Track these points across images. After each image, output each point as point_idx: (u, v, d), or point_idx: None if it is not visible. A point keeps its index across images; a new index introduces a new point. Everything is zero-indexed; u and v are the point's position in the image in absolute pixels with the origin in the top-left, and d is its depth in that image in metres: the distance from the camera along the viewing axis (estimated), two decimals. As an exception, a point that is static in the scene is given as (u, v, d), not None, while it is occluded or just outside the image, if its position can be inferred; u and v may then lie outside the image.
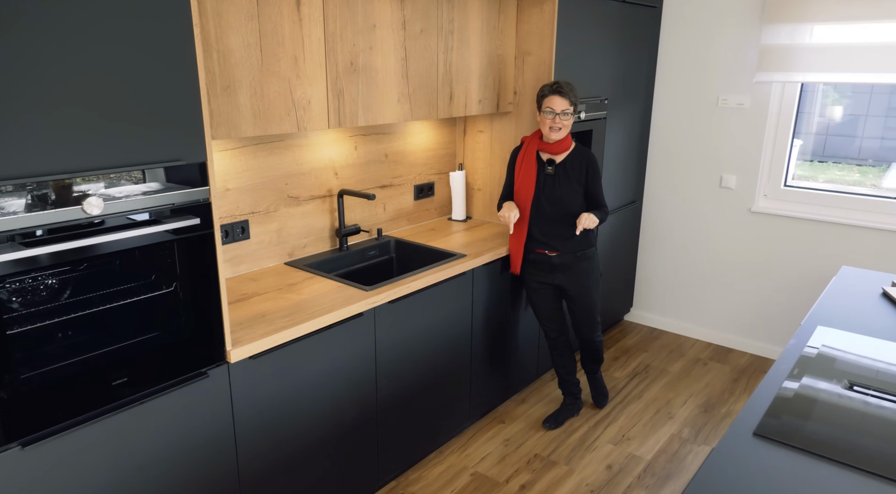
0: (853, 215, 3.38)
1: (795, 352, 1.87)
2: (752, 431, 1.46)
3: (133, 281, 1.58)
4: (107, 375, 1.57)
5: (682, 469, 2.75)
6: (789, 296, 3.63)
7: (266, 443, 2.01)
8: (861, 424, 1.48)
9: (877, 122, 3.46)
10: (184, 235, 1.65)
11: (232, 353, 1.81)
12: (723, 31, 3.53)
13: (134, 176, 1.52)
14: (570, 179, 2.65)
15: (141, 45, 1.47)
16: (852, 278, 2.51)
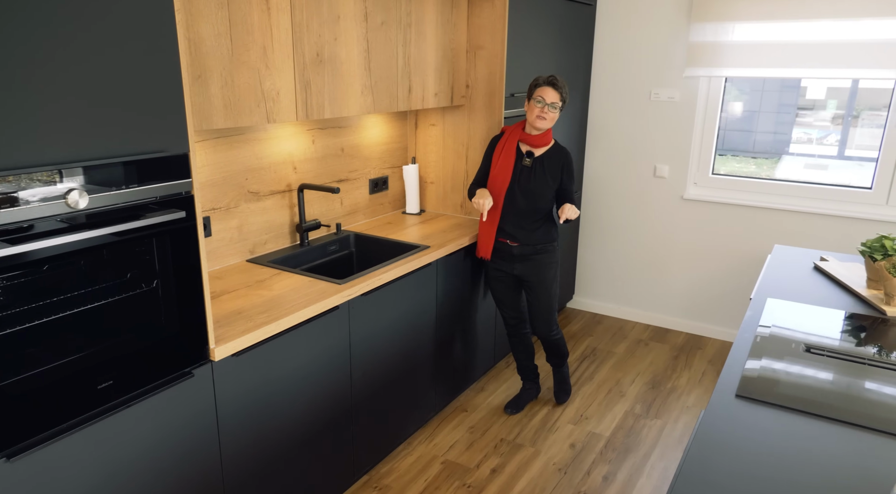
0: (775, 199, 3.67)
1: (753, 323, 2.02)
2: (734, 393, 1.58)
3: (113, 279, 1.50)
4: (92, 378, 1.49)
5: (639, 442, 2.90)
6: (721, 277, 3.89)
7: (248, 442, 1.96)
8: (823, 380, 1.63)
9: (769, 117, 3.79)
10: (167, 229, 1.59)
11: (216, 351, 1.76)
12: (654, 28, 3.73)
13: (116, 169, 1.45)
14: (545, 174, 2.71)
15: (122, 33, 1.41)
16: (786, 256, 2.74)
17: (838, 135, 3.74)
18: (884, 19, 3.13)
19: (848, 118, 3.63)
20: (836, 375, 1.67)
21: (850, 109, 3.60)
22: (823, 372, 1.68)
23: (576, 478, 2.65)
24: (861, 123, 3.61)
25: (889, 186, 3.42)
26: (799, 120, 3.76)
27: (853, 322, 2.03)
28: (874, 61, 3.20)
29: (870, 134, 3.62)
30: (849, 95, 3.66)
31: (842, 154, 3.76)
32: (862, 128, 3.61)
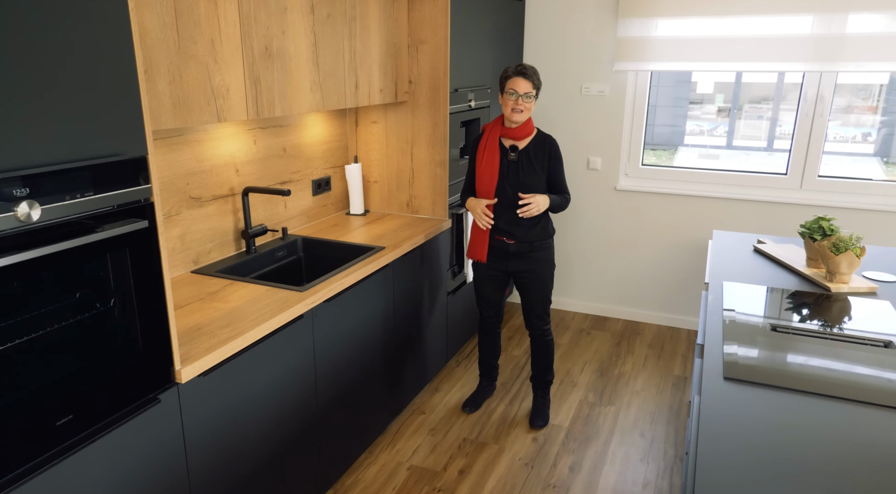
0: (700, 187, 3.86)
1: (717, 307, 2.10)
2: (722, 376, 1.62)
3: (64, 301, 1.33)
4: (49, 415, 1.31)
5: (598, 430, 2.96)
6: (653, 264, 4.05)
7: (216, 467, 1.81)
8: (797, 357, 1.71)
9: (665, 110, 4.00)
10: (127, 241, 1.42)
11: (182, 372, 1.60)
12: (583, 24, 3.81)
13: (69, 176, 1.28)
14: (533, 165, 2.64)
15: (70, 17, 1.24)
16: (726, 240, 2.88)
17: (726, 126, 4.00)
18: (796, 16, 3.36)
19: (734, 111, 3.89)
20: (807, 351, 1.75)
21: (735, 102, 3.87)
22: (795, 349, 1.76)
23: (543, 471, 2.66)
24: (744, 115, 3.89)
25: (802, 172, 3.67)
26: (690, 113, 3.99)
27: (803, 300, 2.14)
28: (786, 55, 3.43)
29: (753, 125, 3.91)
30: (734, 90, 3.92)
31: (730, 144, 4.02)
32: (746, 120, 3.89)
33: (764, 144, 3.92)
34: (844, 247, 2.21)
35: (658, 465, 2.71)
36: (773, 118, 3.82)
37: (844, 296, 2.19)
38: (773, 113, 3.85)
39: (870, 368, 1.65)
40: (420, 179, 3.16)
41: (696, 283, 3.99)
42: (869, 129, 3.74)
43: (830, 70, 3.39)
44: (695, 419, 1.51)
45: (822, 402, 1.49)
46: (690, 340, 3.94)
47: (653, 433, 2.94)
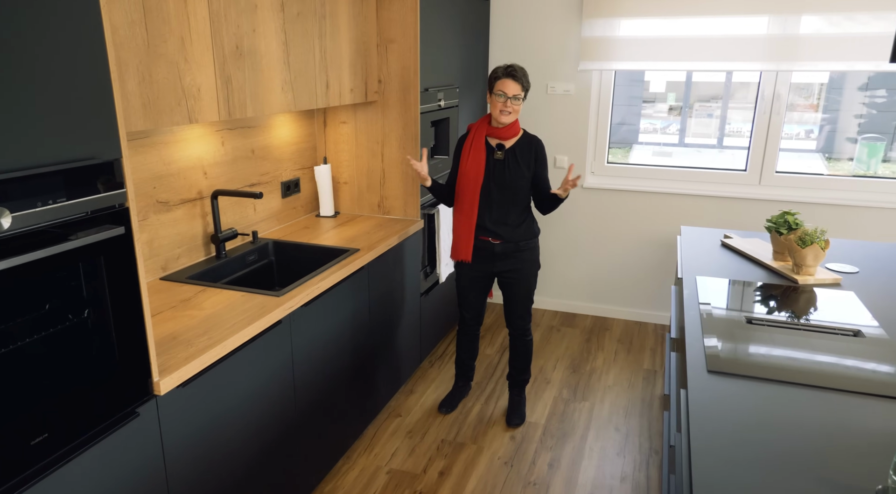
0: (664, 184, 3.94)
1: (693, 301, 2.13)
2: (705, 369, 1.65)
3: (34, 313, 1.26)
4: (23, 433, 1.23)
5: (573, 426, 2.98)
6: (620, 260, 4.11)
7: (195, 479, 1.75)
8: (775, 349, 1.76)
9: (620, 109, 4.08)
10: (101, 248, 1.36)
11: (161, 384, 1.54)
12: (548, 24, 3.84)
13: (41, 181, 1.21)
14: (519, 165, 2.62)
15: (40, 20, 1.17)
16: (694, 235, 2.94)
17: (678, 124, 4.10)
18: (753, 17, 3.45)
19: (685, 109, 4.00)
20: (784, 342, 1.80)
21: (687, 100, 3.98)
22: (772, 341, 1.81)
23: (523, 469, 2.67)
24: (695, 113, 4.00)
25: (760, 168, 3.78)
26: (643, 112, 4.08)
27: (774, 292, 2.21)
28: (745, 55, 3.52)
29: (703, 123, 4.03)
30: (685, 89, 4.03)
31: (682, 142, 4.13)
32: (697, 118, 4.01)
33: (714, 142, 4.03)
34: (810, 240, 2.28)
35: (634, 458, 2.75)
36: (722, 116, 3.93)
37: (811, 288, 2.26)
38: (723, 111, 3.96)
39: (844, 357, 1.71)
40: (391, 180, 3.13)
41: (662, 278, 4.07)
42: (812, 126, 3.88)
43: (785, 69, 3.50)
44: (683, 411, 1.53)
45: (803, 391, 1.53)
46: (657, 334, 4.01)
47: (627, 426, 2.99)
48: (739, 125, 4.25)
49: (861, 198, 3.61)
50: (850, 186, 3.66)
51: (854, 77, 3.75)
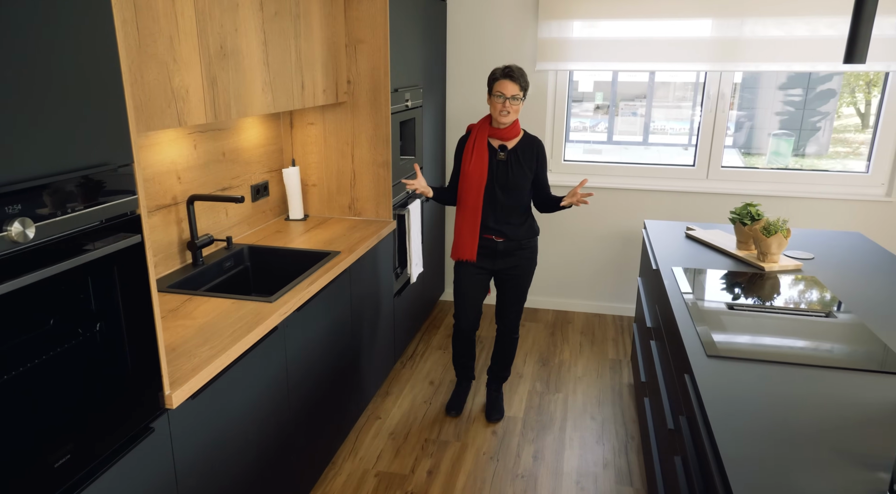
0: (617, 180, 4.08)
1: (676, 292, 2.24)
2: (705, 354, 1.74)
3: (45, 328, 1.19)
4: (45, 456, 1.16)
5: (551, 418, 3.06)
6: (579, 254, 4.23)
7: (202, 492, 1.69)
8: (762, 332, 1.87)
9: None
10: (116, 258, 1.30)
11: (173, 397, 1.48)
12: (504, 25, 3.91)
13: (59, 189, 1.15)
14: (521, 165, 2.65)
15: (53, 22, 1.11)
16: (658, 228, 3.07)
17: (606, 123, 4.31)
18: (698, 20, 3.64)
19: (612, 108, 4.20)
20: (768, 325, 1.92)
21: (613, 100, 4.18)
22: (757, 325, 1.93)
23: (509, 463, 2.72)
24: (620, 112, 4.22)
25: (707, 163, 3.99)
26: (572, 111, 4.25)
27: (744, 280, 2.34)
28: (691, 56, 3.71)
29: (628, 121, 4.25)
30: (611, 89, 4.24)
31: (611, 139, 4.34)
32: (622, 116, 4.22)
33: (640, 139, 4.24)
34: (774, 229, 2.43)
35: (613, 445, 2.85)
36: (647, 114, 4.14)
37: (776, 274, 2.41)
38: (647, 110, 4.17)
39: (824, 336, 1.84)
40: (362, 181, 3.11)
41: (620, 271, 4.22)
42: (728, 123, 4.13)
43: (729, 70, 3.71)
44: (692, 394, 1.61)
45: (798, 370, 1.65)
46: (617, 325, 4.16)
47: (602, 415, 3.09)
48: (663, 123, 4.48)
49: (796, 189, 3.87)
50: (786, 178, 3.92)
51: (769, 77, 4.02)
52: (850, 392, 1.53)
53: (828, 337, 1.84)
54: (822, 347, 1.77)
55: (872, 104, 4.00)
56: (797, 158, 4.19)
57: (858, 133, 4.14)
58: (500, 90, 2.55)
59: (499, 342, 3.02)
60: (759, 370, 1.65)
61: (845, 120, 4.22)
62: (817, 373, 1.63)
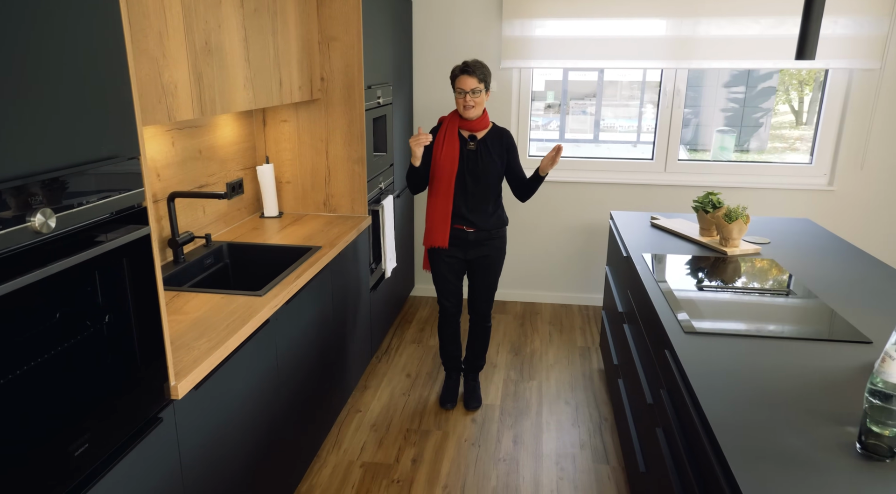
0: (582, 174, 4.22)
1: (650, 278, 2.36)
2: (682, 332, 1.85)
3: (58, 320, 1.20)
4: (66, 444, 1.18)
5: (527, 404, 3.16)
6: (545, 247, 4.36)
7: (203, 481, 1.71)
8: (731, 309, 2.00)
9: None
10: (129, 250, 1.31)
11: (178, 387, 1.50)
12: (469, 24, 3.99)
13: (75, 181, 1.16)
14: (491, 155, 2.75)
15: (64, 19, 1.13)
16: (625, 219, 3.21)
17: (558, 121, 4.45)
18: (654, 20, 3.80)
19: (563, 106, 4.34)
20: (735, 304, 2.06)
21: (565, 98, 4.32)
22: (725, 304, 2.06)
23: (490, 448, 2.80)
24: (571, 110, 4.37)
25: (665, 157, 4.17)
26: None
27: (709, 263, 2.49)
28: (647, 54, 3.87)
29: (579, 120, 4.41)
30: (562, 87, 4.38)
31: (562, 137, 4.48)
32: (573, 115, 4.37)
33: (591, 137, 4.40)
34: (735, 216, 2.59)
35: (588, 427, 2.97)
36: (596, 112, 4.30)
37: (738, 257, 2.57)
38: (597, 108, 4.32)
39: (787, 311, 1.99)
40: (337, 178, 3.14)
41: (585, 262, 4.36)
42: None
43: (684, 67, 3.89)
44: (674, 367, 1.72)
45: (767, 342, 1.78)
46: (583, 314, 4.30)
47: (575, 399, 3.20)
48: (612, 121, 4.65)
49: (747, 180, 4.09)
50: (738, 170, 4.14)
51: (714, 76, 4.24)
52: (813, 360, 1.67)
53: (790, 313, 1.98)
54: (786, 321, 1.91)
55: (805, 102, 4.26)
56: (740, 154, 4.41)
57: (794, 129, 4.39)
58: (460, 86, 2.67)
59: (472, 331, 3.11)
60: (732, 343, 1.78)
61: (781, 117, 4.47)
62: (784, 344, 1.76)
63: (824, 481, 1.19)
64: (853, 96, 3.85)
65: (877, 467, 1.24)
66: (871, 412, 1.28)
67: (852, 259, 2.54)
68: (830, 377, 1.58)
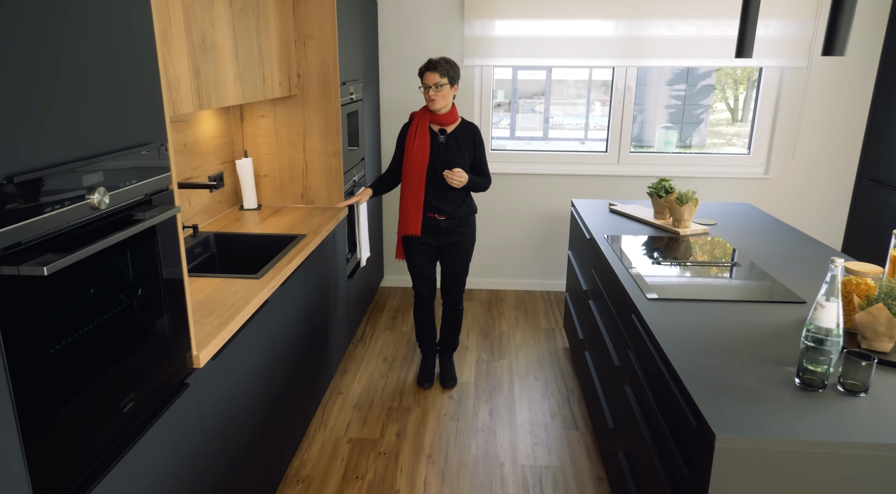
0: (539, 166, 4.47)
1: (615, 258, 2.59)
2: (645, 298, 2.09)
3: (106, 291, 1.33)
4: (115, 399, 1.30)
5: (499, 381, 3.36)
6: (507, 237, 4.58)
7: (220, 448, 1.84)
8: (686, 278, 2.26)
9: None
10: (161, 229, 1.44)
11: (200, 356, 1.64)
12: (432, 24, 4.18)
13: (121, 163, 1.29)
14: (460, 147, 2.93)
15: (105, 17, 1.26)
16: (585, 206, 3.45)
17: (508, 119, 4.70)
18: (604, 21, 4.07)
19: (513, 105, 4.59)
20: (689, 275, 2.31)
21: (514, 97, 4.57)
22: (681, 275, 2.31)
23: (469, 421, 2.99)
24: (521, 109, 4.62)
25: (618, 149, 4.45)
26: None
27: (664, 242, 2.75)
28: (599, 52, 4.14)
29: (528, 118, 4.67)
30: (511, 86, 4.62)
31: (513, 135, 4.74)
32: (523, 113, 4.63)
33: (540, 134, 4.65)
34: (686, 199, 2.86)
35: (557, 399, 3.19)
36: (545, 110, 4.56)
37: (689, 237, 2.84)
38: (546, 106, 4.58)
39: (734, 279, 2.25)
40: (314, 171, 3.27)
41: (546, 250, 4.60)
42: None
43: (633, 65, 4.17)
44: (640, 328, 1.95)
45: (718, 305, 2.03)
46: (546, 299, 4.54)
47: (544, 375, 3.43)
48: (560, 119, 4.92)
49: (692, 170, 4.41)
50: (684, 161, 4.46)
51: (656, 75, 4.55)
52: (758, 317, 1.93)
53: (736, 281, 2.25)
54: (734, 288, 2.17)
55: (740, 100, 4.62)
56: (682, 149, 4.74)
57: (730, 126, 4.74)
58: (425, 82, 2.86)
59: (446, 313, 3.30)
60: (689, 307, 2.02)
61: (718, 115, 4.82)
62: (733, 306, 2.02)
63: (772, 407, 1.43)
64: (784, 93, 4.21)
65: (812, 396, 1.49)
66: (806, 353, 1.53)
67: (787, 237, 2.84)
68: (772, 331, 1.84)
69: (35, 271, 1.01)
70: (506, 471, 2.63)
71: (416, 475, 2.61)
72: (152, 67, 1.40)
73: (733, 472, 1.35)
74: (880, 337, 1.67)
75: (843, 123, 4.26)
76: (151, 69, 1.39)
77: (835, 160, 4.34)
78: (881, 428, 1.35)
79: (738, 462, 1.34)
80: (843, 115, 4.24)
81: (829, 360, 1.51)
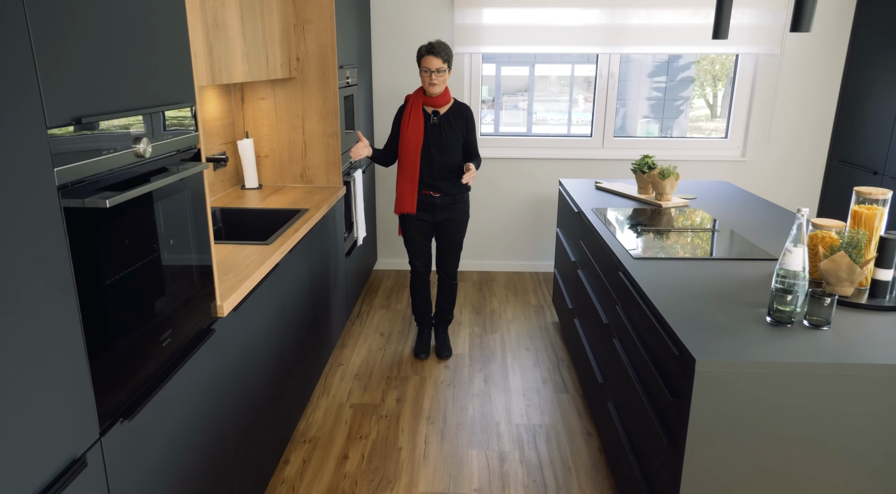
0: (527, 151, 4.63)
1: (601, 224, 2.76)
2: (631, 258, 2.25)
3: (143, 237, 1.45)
4: (155, 333, 1.44)
5: (493, 351, 3.52)
6: (497, 220, 4.74)
7: (239, 390, 1.97)
8: (670, 241, 2.43)
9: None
10: (191, 183, 1.57)
11: (223, 306, 1.77)
12: (423, 12, 4.32)
13: (160, 119, 1.42)
14: (453, 128, 3.07)
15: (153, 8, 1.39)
16: (572, 185, 3.62)
17: (493, 115, 4.86)
18: (589, 9, 4.24)
19: (497, 101, 4.74)
20: (671, 239, 2.48)
21: (498, 93, 4.72)
22: (665, 239, 2.48)
23: (464, 387, 3.14)
24: (504, 105, 4.78)
25: (602, 133, 4.63)
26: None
27: (648, 214, 2.92)
28: (584, 40, 4.31)
29: (512, 114, 4.82)
30: (496, 82, 4.78)
31: (497, 131, 4.90)
32: (506, 109, 4.78)
33: (524, 130, 4.81)
34: (667, 174, 3.03)
35: (547, 366, 3.36)
36: (528, 106, 4.72)
37: (671, 209, 3.01)
38: (529, 102, 4.73)
39: (714, 243, 2.42)
40: (313, 151, 3.40)
41: (534, 232, 4.77)
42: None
43: (616, 52, 4.35)
44: (628, 285, 2.11)
45: (699, 263, 2.20)
46: (534, 279, 4.71)
47: (535, 346, 3.59)
48: (544, 114, 5.07)
49: (673, 153, 4.60)
50: (665, 144, 4.65)
51: (638, 67, 4.73)
52: (735, 272, 2.10)
53: (717, 243, 2.42)
54: (715, 248, 2.35)
55: (719, 96, 4.82)
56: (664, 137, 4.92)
57: (709, 122, 4.93)
58: (426, 66, 2.99)
59: (441, 288, 3.44)
60: (673, 265, 2.19)
61: (698, 111, 5.01)
62: (714, 263, 2.19)
63: (747, 339, 1.60)
64: (759, 79, 4.42)
65: (782, 330, 1.66)
66: (776, 294, 1.70)
67: (763, 208, 3.03)
68: (747, 282, 2.01)
69: (98, 203, 1.14)
70: (501, 429, 2.79)
71: (416, 434, 2.75)
72: (184, 36, 1.53)
73: (712, 393, 1.51)
74: (842, 282, 1.85)
75: (814, 107, 4.47)
76: (184, 38, 1.52)
77: (807, 143, 4.56)
78: (840, 353, 1.53)
79: (715, 383, 1.51)
80: (815, 100, 4.45)
81: (797, 299, 1.68)
